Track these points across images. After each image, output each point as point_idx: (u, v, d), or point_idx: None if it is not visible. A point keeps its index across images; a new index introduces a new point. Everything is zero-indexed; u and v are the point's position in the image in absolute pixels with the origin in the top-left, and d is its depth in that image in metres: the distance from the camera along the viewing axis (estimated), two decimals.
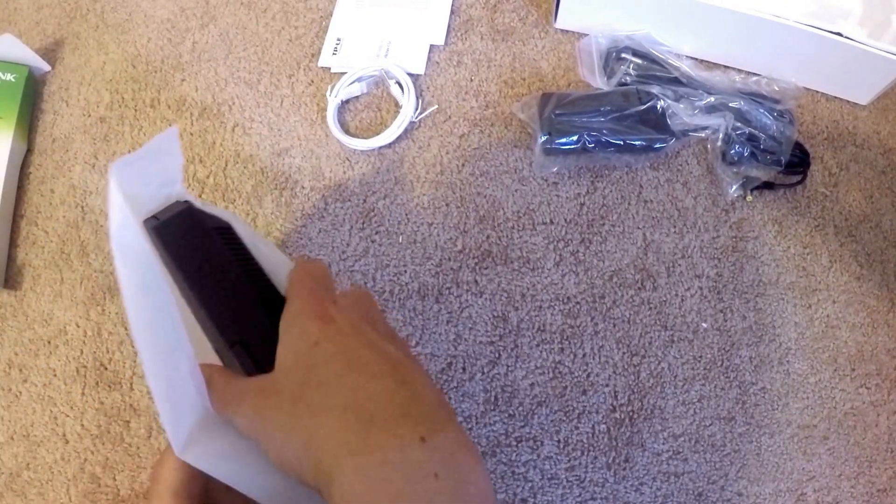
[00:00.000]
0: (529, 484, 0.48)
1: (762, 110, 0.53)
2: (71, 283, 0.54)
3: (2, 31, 0.57)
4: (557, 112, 0.50)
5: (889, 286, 0.52)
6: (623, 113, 0.51)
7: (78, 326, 0.54)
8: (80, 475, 0.51)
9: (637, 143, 0.51)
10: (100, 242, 0.55)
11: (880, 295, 0.52)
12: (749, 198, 0.53)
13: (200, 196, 0.55)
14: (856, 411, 0.50)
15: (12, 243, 0.56)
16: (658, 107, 0.51)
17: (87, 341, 0.53)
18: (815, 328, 0.51)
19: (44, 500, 0.51)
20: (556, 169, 0.51)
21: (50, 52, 0.61)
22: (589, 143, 0.50)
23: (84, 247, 0.55)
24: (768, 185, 0.53)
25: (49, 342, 0.54)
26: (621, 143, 0.51)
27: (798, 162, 0.54)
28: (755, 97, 0.54)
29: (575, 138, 0.50)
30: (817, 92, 0.57)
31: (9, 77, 0.57)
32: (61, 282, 0.55)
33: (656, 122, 0.51)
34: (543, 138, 0.50)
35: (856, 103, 0.57)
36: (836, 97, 0.57)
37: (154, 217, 0.32)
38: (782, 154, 0.53)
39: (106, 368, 0.53)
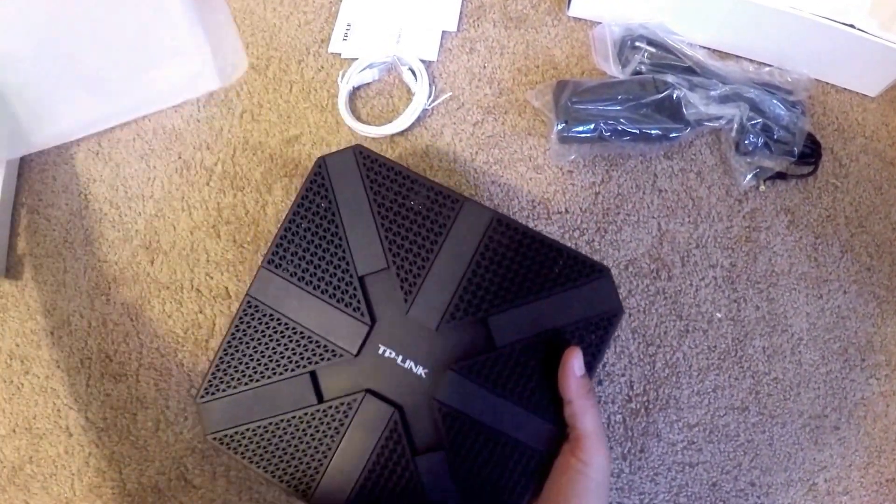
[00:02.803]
0: None
1: (775, 101, 0.52)
2: (74, 272, 0.52)
3: None
4: (574, 100, 0.48)
5: None
6: (640, 101, 0.49)
7: (82, 317, 0.51)
8: (85, 469, 0.48)
9: (653, 131, 0.49)
10: (104, 231, 0.52)
11: (890, 285, 0.51)
12: (762, 188, 0.52)
13: (208, 184, 0.52)
14: (866, 401, 0.49)
15: (13, 232, 0.53)
16: (674, 96, 0.49)
17: (92, 332, 0.50)
18: (827, 318, 0.50)
19: (47, 494, 0.48)
20: (572, 157, 0.49)
21: None
22: (605, 132, 0.48)
23: (88, 235, 0.52)
24: (781, 176, 0.52)
25: (52, 333, 0.51)
26: (637, 131, 0.49)
27: (810, 153, 0.52)
28: (768, 87, 0.52)
29: (591, 126, 0.48)
30: (827, 83, 0.56)
31: None
32: (64, 271, 0.52)
33: (672, 111, 0.49)
34: (560, 126, 0.48)
35: (865, 95, 0.56)
36: (845, 89, 0.56)
37: None
38: (795, 144, 0.51)
39: (111, 360, 0.50)
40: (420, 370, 0.37)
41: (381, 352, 0.38)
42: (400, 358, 0.37)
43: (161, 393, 0.49)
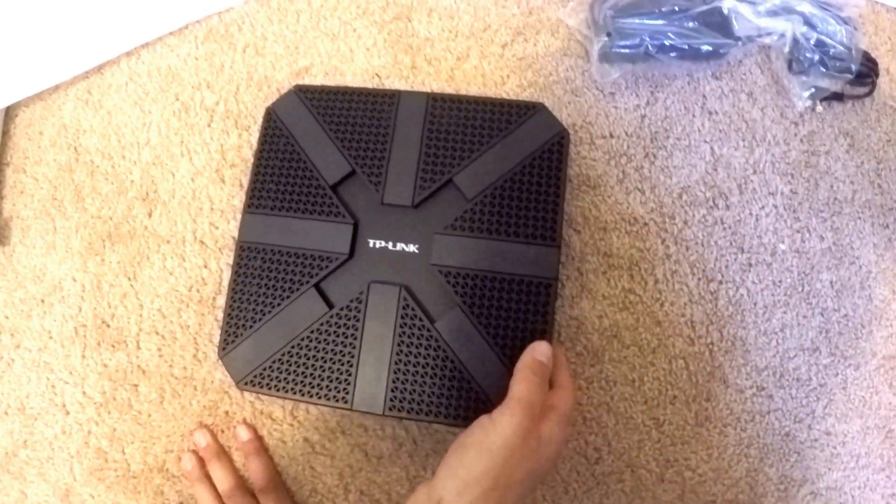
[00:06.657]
0: (603, 430, 0.40)
1: (828, 16, 0.45)
2: (65, 232, 0.44)
3: None
4: (615, 14, 0.42)
5: None
6: (686, 14, 0.42)
7: (75, 280, 0.44)
8: (85, 450, 0.41)
9: (703, 47, 0.42)
10: (96, 185, 0.45)
11: None
12: (819, 109, 0.45)
13: (209, 126, 0.45)
14: None
15: None
16: (724, 8, 0.42)
17: (86, 296, 0.43)
18: (895, 250, 0.43)
19: (45, 481, 0.41)
20: (614, 76, 0.42)
21: None
22: (651, 47, 0.41)
23: (79, 191, 0.45)
24: (837, 97, 0.45)
25: (43, 301, 0.44)
26: (686, 47, 0.42)
27: (867, 72, 0.46)
28: (818, 2, 0.46)
29: (637, 41, 0.41)
30: (877, 2, 0.49)
31: None
32: (54, 232, 0.45)
33: (721, 24, 0.42)
34: (601, 42, 0.41)
35: None
36: None
37: None
38: (852, 62, 0.44)
39: (108, 326, 0.43)
40: (411, 247, 0.38)
41: (371, 245, 0.38)
42: (390, 244, 0.38)
43: (165, 360, 0.42)
